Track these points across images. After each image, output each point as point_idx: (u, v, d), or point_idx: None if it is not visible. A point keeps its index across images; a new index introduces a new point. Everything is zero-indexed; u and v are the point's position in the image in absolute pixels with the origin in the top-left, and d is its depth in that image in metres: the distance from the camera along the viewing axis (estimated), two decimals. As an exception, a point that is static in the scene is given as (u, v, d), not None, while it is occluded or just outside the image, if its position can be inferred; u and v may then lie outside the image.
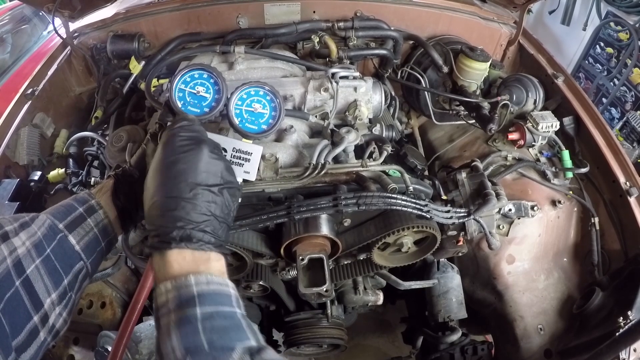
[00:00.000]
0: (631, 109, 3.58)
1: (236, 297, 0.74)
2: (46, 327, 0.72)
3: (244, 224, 1.08)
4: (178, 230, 0.73)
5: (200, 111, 0.99)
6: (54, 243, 0.76)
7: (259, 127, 1.03)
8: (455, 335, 1.57)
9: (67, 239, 0.78)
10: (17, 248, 0.71)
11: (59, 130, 1.87)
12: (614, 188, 1.52)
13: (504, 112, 1.62)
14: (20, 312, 0.68)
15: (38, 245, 0.73)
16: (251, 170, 0.97)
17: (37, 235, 0.75)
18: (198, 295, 0.68)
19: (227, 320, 0.69)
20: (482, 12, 2.01)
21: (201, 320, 0.66)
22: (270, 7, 1.85)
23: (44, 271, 0.73)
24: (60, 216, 0.80)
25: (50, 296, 0.72)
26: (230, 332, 0.67)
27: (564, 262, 1.59)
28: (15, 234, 0.73)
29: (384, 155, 1.24)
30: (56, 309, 0.74)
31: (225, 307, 0.70)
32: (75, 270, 0.78)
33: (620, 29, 3.63)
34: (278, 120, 1.04)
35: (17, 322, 0.68)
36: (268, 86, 1.04)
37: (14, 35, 4.06)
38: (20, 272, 0.70)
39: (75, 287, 0.79)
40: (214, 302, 0.69)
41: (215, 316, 0.67)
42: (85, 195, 0.87)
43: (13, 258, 0.70)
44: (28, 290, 0.70)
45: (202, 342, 0.63)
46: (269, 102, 1.04)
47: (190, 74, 1.00)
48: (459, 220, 1.21)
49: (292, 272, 1.37)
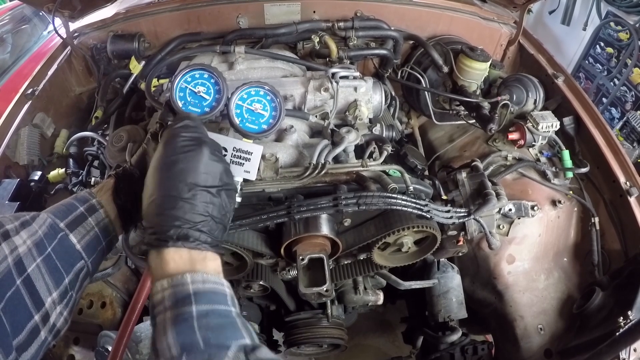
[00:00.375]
0: (631, 109, 3.58)
1: (231, 296, 0.74)
2: (47, 326, 0.72)
3: (244, 224, 1.08)
4: (175, 229, 0.73)
5: (200, 111, 1.00)
6: (54, 242, 0.76)
7: (259, 126, 1.04)
8: (455, 335, 1.57)
9: (68, 238, 0.78)
10: (18, 247, 0.71)
11: (59, 130, 1.87)
12: (614, 188, 1.52)
13: (504, 112, 1.62)
14: (21, 311, 0.68)
15: (39, 244, 0.74)
16: (251, 170, 0.98)
17: (38, 234, 0.75)
18: (194, 293, 0.69)
19: (223, 319, 0.69)
20: (483, 12, 2.01)
21: (197, 318, 0.66)
22: (270, 7, 1.85)
23: (45, 270, 0.73)
24: (61, 215, 0.80)
25: (51, 295, 0.72)
26: (225, 330, 0.67)
27: (564, 262, 1.59)
28: (16, 233, 0.73)
29: (384, 155, 1.24)
30: (57, 307, 0.74)
31: (220, 306, 0.70)
32: (76, 269, 0.78)
33: (621, 28, 3.63)
34: (278, 120, 1.04)
35: (18, 321, 0.68)
36: (268, 86, 1.04)
37: (14, 35, 4.06)
38: (21, 271, 0.70)
39: (76, 286, 0.79)
40: (209, 300, 0.69)
41: (211, 314, 0.68)
42: (86, 195, 0.87)
43: (14, 257, 0.70)
44: (29, 289, 0.70)
45: (198, 340, 0.64)
46: (269, 102, 1.04)
47: (191, 74, 1.00)
48: (459, 220, 1.21)
49: (293, 272, 1.37)
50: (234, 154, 0.97)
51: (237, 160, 0.97)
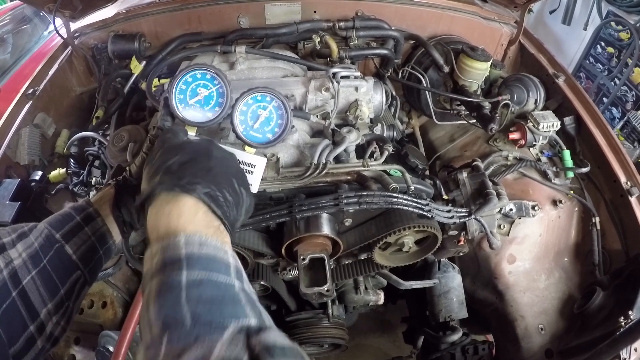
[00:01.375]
0: (632, 109, 3.59)
1: (236, 268, 0.60)
2: (43, 336, 0.73)
3: (246, 223, 1.08)
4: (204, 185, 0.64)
5: (202, 116, 0.94)
6: (50, 253, 0.76)
7: (264, 136, 0.98)
8: (456, 335, 1.57)
9: (64, 249, 0.79)
10: (13, 260, 0.72)
11: (60, 130, 1.87)
12: (615, 188, 1.52)
13: (504, 111, 1.62)
14: (16, 321, 0.69)
15: (34, 257, 0.74)
16: (253, 183, 0.94)
17: (34, 247, 0.75)
18: (187, 257, 0.56)
19: (221, 291, 0.55)
20: (483, 12, 2.01)
21: (186, 287, 0.53)
22: (271, 7, 1.85)
23: (40, 282, 0.73)
24: (58, 225, 0.81)
25: (46, 306, 0.73)
26: (223, 305, 0.53)
27: (565, 261, 1.59)
28: (12, 246, 0.74)
29: (385, 155, 1.24)
30: (53, 318, 0.75)
31: (220, 275, 0.56)
32: (72, 280, 0.79)
33: (621, 28, 3.63)
34: (285, 129, 0.98)
35: (14, 331, 0.69)
36: (276, 92, 0.98)
37: (15, 35, 4.07)
38: (16, 283, 0.71)
39: (73, 297, 0.79)
40: (205, 267, 0.56)
41: (206, 284, 0.54)
42: (83, 204, 0.88)
43: (9, 270, 0.71)
44: (24, 301, 0.71)
45: (185, 315, 0.50)
46: (275, 109, 0.98)
47: (192, 74, 0.95)
48: (460, 220, 1.21)
49: (293, 271, 1.37)
50: None
51: None
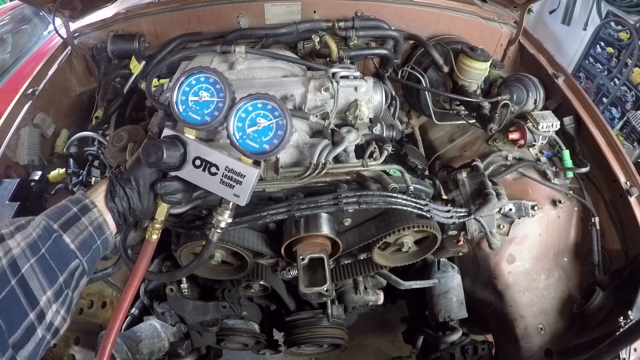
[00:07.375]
0: (631, 109, 3.59)
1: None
2: (43, 324, 0.74)
3: (243, 221, 1.08)
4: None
5: (200, 119, 0.93)
6: (48, 243, 0.78)
7: (260, 145, 0.93)
8: (455, 335, 1.57)
9: (62, 238, 0.80)
10: (12, 249, 0.74)
11: (60, 130, 1.87)
12: (615, 188, 1.52)
13: (504, 111, 1.61)
14: (15, 309, 0.70)
15: (33, 246, 0.76)
16: (241, 195, 0.89)
17: (32, 236, 0.77)
18: None
19: None
20: (483, 12, 2.01)
21: None
22: (270, 7, 1.85)
23: (39, 270, 0.75)
24: (55, 217, 0.82)
25: (45, 293, 0.74)
26: None
27: (565, 261, 1.59)
28: (10, 236, 0.75)
29: (384, 155, 1.24)
30: (53, 306, 0.76)
31: None
32: (71, 269, 0.80)
33: (621, 28, 3.63)
34: (283, 140, 0.92)
35: (13, 319, 0.70)
36: (276, 101, 0.93)
37: (15, 35, 4.07)
38: (15, 271, 0.72)
39: (72, 285, 0.81)
40: None
41: None
42: (79, 195, 0.89)
43: (8, 258, 0.72)
44: (23, 288, 0.72)
45: None
46: (275, 118, 0.93)
47: (195, 77, 0.93)
48: (459, 220, 1.21)
49: (293, 271, 1.37)
50: (225, 173, 0.89)
51: (227, 180, 0.89)
